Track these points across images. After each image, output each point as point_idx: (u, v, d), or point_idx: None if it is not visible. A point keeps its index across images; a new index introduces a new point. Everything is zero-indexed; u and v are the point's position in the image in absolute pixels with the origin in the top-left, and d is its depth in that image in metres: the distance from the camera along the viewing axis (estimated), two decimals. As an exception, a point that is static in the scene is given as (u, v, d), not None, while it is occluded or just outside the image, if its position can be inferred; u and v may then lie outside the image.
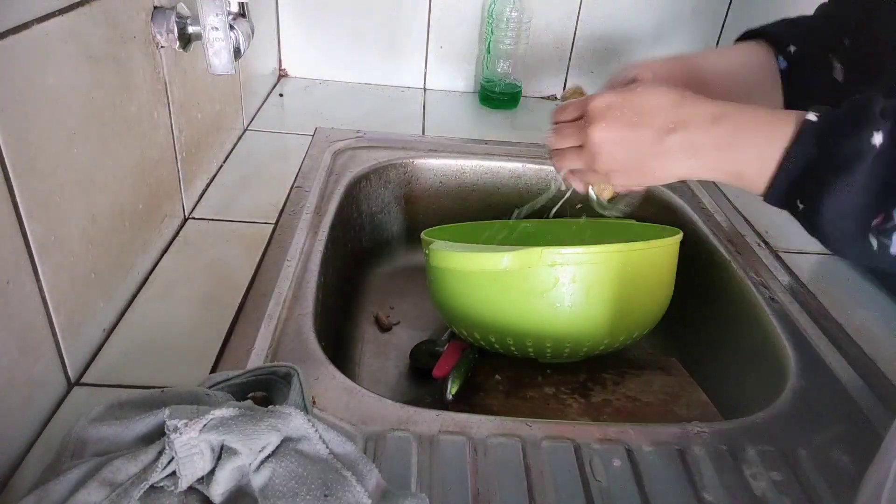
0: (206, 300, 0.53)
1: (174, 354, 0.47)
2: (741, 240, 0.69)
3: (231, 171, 0.74)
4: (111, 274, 0.49)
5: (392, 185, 0.82)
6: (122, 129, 0.49)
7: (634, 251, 0.55)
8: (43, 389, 0.41)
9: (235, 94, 0.80)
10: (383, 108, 0.97)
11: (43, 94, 0.39)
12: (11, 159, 0.36)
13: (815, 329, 0.56)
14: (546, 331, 0.54)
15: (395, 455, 0.41)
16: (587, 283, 0.53)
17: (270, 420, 0.35)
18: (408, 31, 1.02)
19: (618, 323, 0.55)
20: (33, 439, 0.40)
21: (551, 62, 1.06)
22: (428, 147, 0.85)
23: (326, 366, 0.48)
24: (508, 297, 0.54)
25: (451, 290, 0.58)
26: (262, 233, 0.63)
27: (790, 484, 0.41)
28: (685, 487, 0.41)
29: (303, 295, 0.55)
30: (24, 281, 0.38)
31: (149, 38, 0.53)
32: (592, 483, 0.40)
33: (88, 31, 0.44)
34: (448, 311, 0.60)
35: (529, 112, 1.02)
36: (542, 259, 0.52)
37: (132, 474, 0.32)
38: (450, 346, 0.64)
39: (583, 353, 0.57)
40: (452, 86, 1.07)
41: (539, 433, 0.43)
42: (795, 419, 0.47)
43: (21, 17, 0.37)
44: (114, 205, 0.49)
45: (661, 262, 0.58)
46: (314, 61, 1.04)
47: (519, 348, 0.57)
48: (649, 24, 1.03)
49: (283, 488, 0.33)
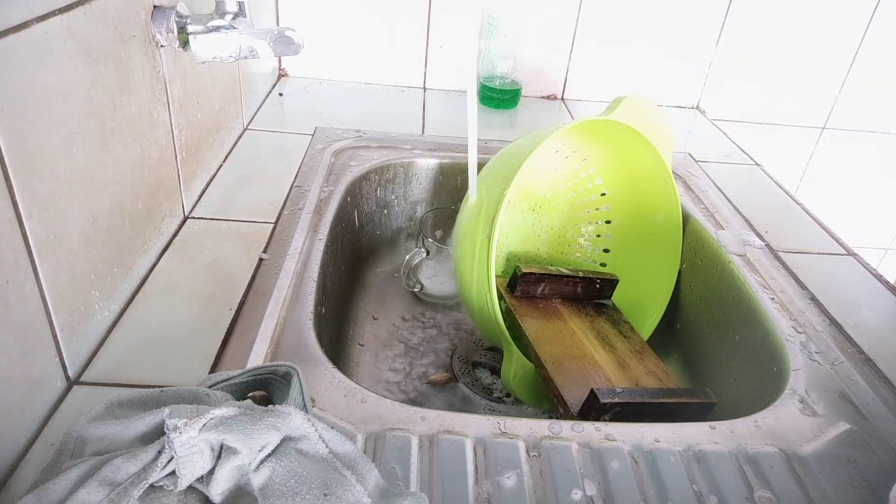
0: (205, 300, 0.53)
1: (174, 354, 0.47)
2: (741, 239, 0.69)
3: (231, 170, 0.74)
4: (111, 273, 0.49)
5: (392, 184, 0.82)
6: (121, 128, 0.49)
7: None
8: (42, 388, 0.41)
9: (235, 94, 0.80)
10: (383, 108, 0.97)
11: (42, 93, 0.39)
12: (11, 159, 0.36)
13: (815, 329, 0.56)
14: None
15: (395, 455, 0.41)
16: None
17: (270, 419, 0.35)
18: (408, 30, 1.02)
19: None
20: (33, 438, 0.40)
21: (551, 62, 1.06)
22: (428, 146, 0.85)
23: (326, 366, 0.48)
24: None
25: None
26: (261, 232, 0.63)
27: (791, 484, 0.41)
28: (685, 487, 0.40)
29: (303, 295, 0.55)
30: (23, 280, 0.38)
31: (148, 37, 0.53)
32: (592, 483, 0.40)
33: (88, 30, 0.44)
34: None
35: (529, 112, 1.02)
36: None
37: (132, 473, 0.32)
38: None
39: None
40: (452, 85, 1.07)
41: (539, 433, 0.43)
42: (795, 419, 0.47)
43: (21, 16, 0.37)
44: (113, 204, 0.49)
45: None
46: (314, 61, 1.04)
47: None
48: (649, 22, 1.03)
49: (282, 488, 0.33)
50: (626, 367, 0.60)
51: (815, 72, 1.10)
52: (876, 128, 1.17)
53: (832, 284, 0.63)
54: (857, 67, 1.10)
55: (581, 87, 1.09)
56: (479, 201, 0.57)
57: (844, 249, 0.69)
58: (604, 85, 1.09)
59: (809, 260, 0.67)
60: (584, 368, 0.58)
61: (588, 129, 0.64)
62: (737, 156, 0.92)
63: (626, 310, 0.69)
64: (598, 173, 0.69)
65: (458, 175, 0.83)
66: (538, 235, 0.73)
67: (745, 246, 0.68)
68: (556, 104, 1.07)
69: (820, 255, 0.68)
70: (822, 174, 1.21)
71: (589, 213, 0.72)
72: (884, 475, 0.43)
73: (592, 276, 0.68)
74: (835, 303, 0.60)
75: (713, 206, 0.76)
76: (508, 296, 0.64)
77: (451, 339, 0.73)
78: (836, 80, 1.11)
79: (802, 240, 0.71)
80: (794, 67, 1.09)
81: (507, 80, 1.00)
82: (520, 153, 0.55)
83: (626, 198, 0.69)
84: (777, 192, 0.82)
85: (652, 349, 0.63)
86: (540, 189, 0.71)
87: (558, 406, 0.54)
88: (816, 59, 1.09)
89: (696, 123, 1.05)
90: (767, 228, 0.72)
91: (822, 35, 1.06)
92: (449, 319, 0.76)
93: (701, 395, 0.53)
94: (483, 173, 0.60)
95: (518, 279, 0.63)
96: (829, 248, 0.69)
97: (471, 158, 0.58)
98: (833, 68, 1.10)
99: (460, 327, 0.75)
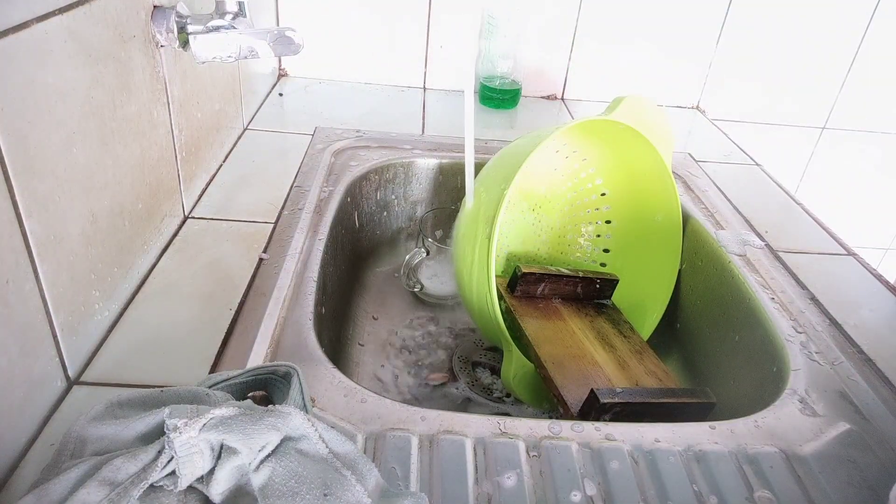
0: (205, 299, 0.53)
1: (174, 354, 0.47)
2: (741, 239, 0.69)
3: (231, 170, 0.74)
4: (111, 273, 0.49)
5: (392, 184, 0.82)
6: (121, 128, 0.49)
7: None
8: (42, 388, 0.41)
9: (235, 94, 0.80)
10: (383, 108, 0.97)
11: (43, 93, 0.39)
12: (11, 159, 0.36)
13: (815, 329, 0.56)
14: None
15: (395, 455, 0.41)
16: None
17: (270, 419, 0.35)
18: (408, 30, 1.02)
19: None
20: (33, 438, 0.40)
21: (551, 62, 1.06)
22: (428, 146, 0.85)
23: (326, 366, 0.48)
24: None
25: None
26: (261, 232, 0.63)
27: (791, 484, 0.41)
28: (685, 487, 0.40)
29: (303, 295, 0.55)
30: (23, 280, 0.38)
31: (148, 37, 0.53)
32: (592, 483, 0.40)
33: (88, 30, 0.44)
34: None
35: (529, 112, 1.02)
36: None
37: (132, 473, 0.32)
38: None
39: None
40: (452, 85, 1.07)
41: (539, 433, 0.43)
42: (795, 419, 0.47)
43: (21, 16, 0.37)
44: (113, 204, 0.49)
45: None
46: (314, 61, 1.04)
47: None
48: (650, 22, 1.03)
49: (282, 487, 0.33)
50: (626, 367, 0.60)
51: (815, 72, 1.10)
52: (876, 128, 1.17)
53: (832, 284, 0.63)
54: (857, 67, 1.10)
55: (581, 87, 1.09)
56: (477, 202, 0.57)
57: (844, 249, 0.69)
58: (604, 85, 1.09)
59: (809, 260, 0.67)
60: (584, 368, 0.58)
61: (588, 129, 0.64)
62: (737, 156, 0.93)
63: (626, 310, 0.69)
64: (598, 173, 0.69)
65: (458, 175, 0.83)
66: (538, 235, 0.73)
67: (745, 246, 0.68)
68: (556, 104, 1.07)
69: (820, 255, 0.68)
70: (822, 174, 1.21)
71: (589, 213, 0.72)
72: (884, 475, 0.43)
73: (592, 276, 0.68)
74: (835, 303, 0.60)
75: (713, 206, 0.76)
76: (508, 296, 0.64)
77: (451, 339, 0.73)
78: (836, 80, 1.11)
79: (802, 240, 0.71)
80: (794, 67, 1.09)
81: (507, 80, 1.00)
82: (520, 153, 0.55)
83: (626, 198, 0.69)
84: (777, 192, 0.82)
85: (652, 349, 0.63)
86: (540, 189, 0.71)
87: (558, 406, 0.54)
88: (816, 59, 1.09)
89: (696, 123, 1.05)
90: (767, 228, 0.72)
91: (822, 35, 1.06)
92: (449, 319, 0.76)
93: (701, 395, 0.53)
94: (483, 173, 0.60)
95: (518, 279, 0.63)
96: (829, 248, 0.69)
97: (468, 163, 0.58)
98: (833, 68, 1.10)
99: (460, 327, 0.75)
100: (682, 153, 0.90)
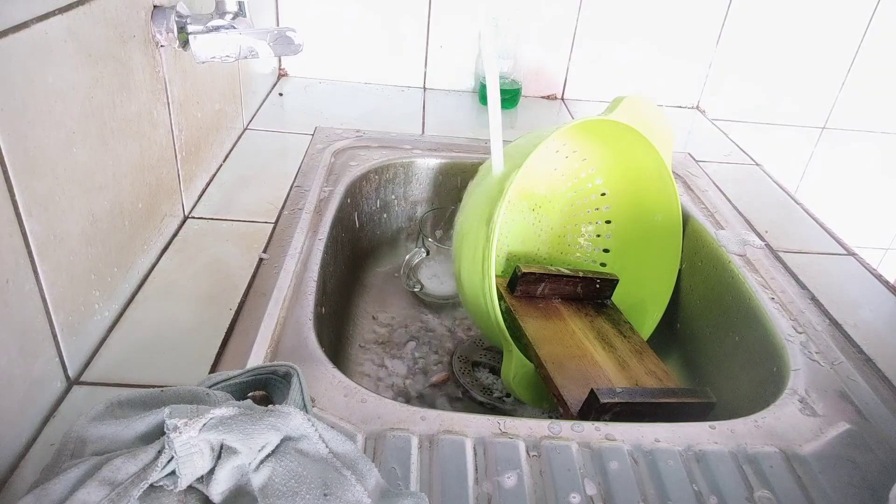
0: (205, 300, 0.53)
1: (174, 354, 0.47)
2: (741, 239, 0.69)
3: (231, 170, 0.74)
4: (111, 273, 0.49)
5: (392, 184, 0.82)
6: (121, 128, 0.49)
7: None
8: (42, 388, 0.41)
9: (235, 94, 0.80)
10: (383, 108, 0.97)
11: (42, 93, 0.39)
12: (11, 159, 0.36)
13: (815, 329, 0.56)
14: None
15: (395, 455, 0.41)
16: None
17: (270, 419, 0.35)
18: (407, 30, 1.02)
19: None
20: (33, 438, 0.40)
21: (551, 62, 1.06)
22: (428, 146, 0.85)
23: (326, 366, 0.48)
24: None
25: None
26: (261, 232, 0.63)
27: (790, 484, 0.41)
28: (685, 487, 0.40)
29: (303, 295, 0.55)
30: (23, 280, 0.38)
31: (148, 37, 0.53)
32: (592, 483, 0.40)
33: (88, 30, 0.44)
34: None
35: (529, 112, 1.02)
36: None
37: (132, 473, 0.32)
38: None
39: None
40: (452, 85, 1.07)
41: (539, 433, 0.43)
42: (795, 419, 0.47)
43: (21, 16, 0.37)
44: (113, 204, 0.49)
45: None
46: (314, 61, 1.04)
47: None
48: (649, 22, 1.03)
49: (282, 487, 0.33)
50: (626, 366, 0.60)
51: (815, 72, 1.10)
52: (876, 128, 1.17)
53: (832, 284, 0.63)
54: (857, 67, 1.10)
55: (581, 87, 1.09)
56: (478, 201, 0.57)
57: (844, 249, 0.69)
58: (604, 85, 1.09)
59: (809, 260, 0.67)
60: (584, 368, 0.58)
61: (588, 128, 0.64)
62: (737, 156, 0.92)
63: (626, 310, 0.69)
64: (598, 173, 0.69)
65: (458, 175, 0.83)
66: (538, 235, 0.73)
67: (745, 246, 0.68)
68: (556, 104, 1.07)
69: (820, 255, 0.68)
70: (822, 174, 1.21)
71: (589, 213, 0.72)
72: (884, 475, 0.43)
73: (592, 276, 0.68)
74: (835, 303, 0.60)
75: (713, 205, 0.76)
76: (508, 296, 0.64)
77: (451, 339, 0.73)
78: (836, 80, 1.11)
79: (802, 240, 0.71)
80: (794, 67, 1.09)
81: (507, 80, 1.00)
82: (519, 153, 0.55)
83: (626, 198, 0.69)
84: (777, 192, 0.82)
85: (652, 349, 0.63)
86: (540, 189, 0.71)
87: (558, 406, 0.54)
88: (816, 59, 1.09)
89: (696, 123, 1.05)
90: (767, 228, 0.72)
91: (822, 35, 1.06)
92: (449, 319, 0.76)
93: (701, 395, 0.53)
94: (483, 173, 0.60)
95: (518, 279, 0.63)
96: (829, 248, 0.69)
97: (493, 128, 0.56)
98: (833, 68, 1.10)
99: (460, 327, 0.75)
100: (681, 153, 0.91)
